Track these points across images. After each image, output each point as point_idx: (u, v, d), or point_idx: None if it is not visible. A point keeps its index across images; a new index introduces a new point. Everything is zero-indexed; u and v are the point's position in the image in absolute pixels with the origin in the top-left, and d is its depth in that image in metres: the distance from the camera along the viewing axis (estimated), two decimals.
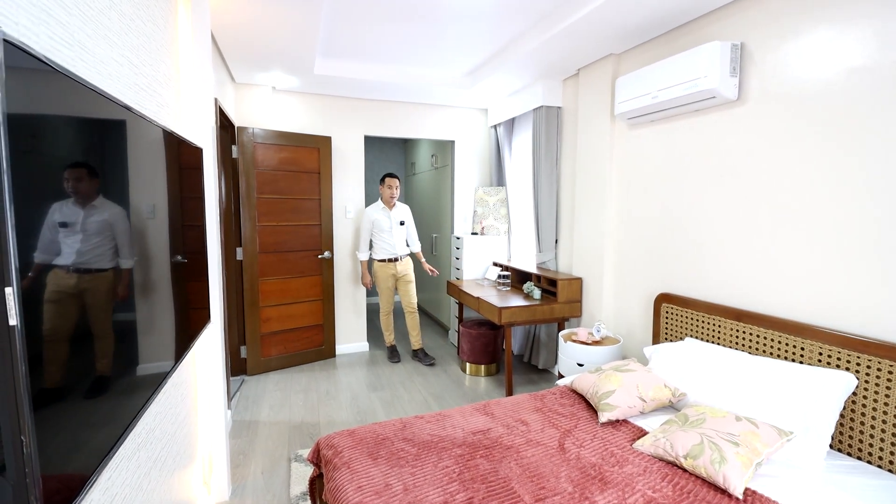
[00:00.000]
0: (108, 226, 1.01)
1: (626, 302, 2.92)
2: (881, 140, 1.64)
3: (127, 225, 1.10)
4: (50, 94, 0.74)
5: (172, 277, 1.43)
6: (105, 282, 0.99)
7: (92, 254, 0.94)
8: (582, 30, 2.53)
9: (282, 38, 2.72)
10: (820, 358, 1.80)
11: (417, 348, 4.01)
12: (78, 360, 0.83)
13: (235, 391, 3.32)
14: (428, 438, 1.76)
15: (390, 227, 3.82)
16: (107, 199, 1.03)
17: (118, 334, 1.04)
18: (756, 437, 1.53)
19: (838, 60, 1.77)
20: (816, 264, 1.86)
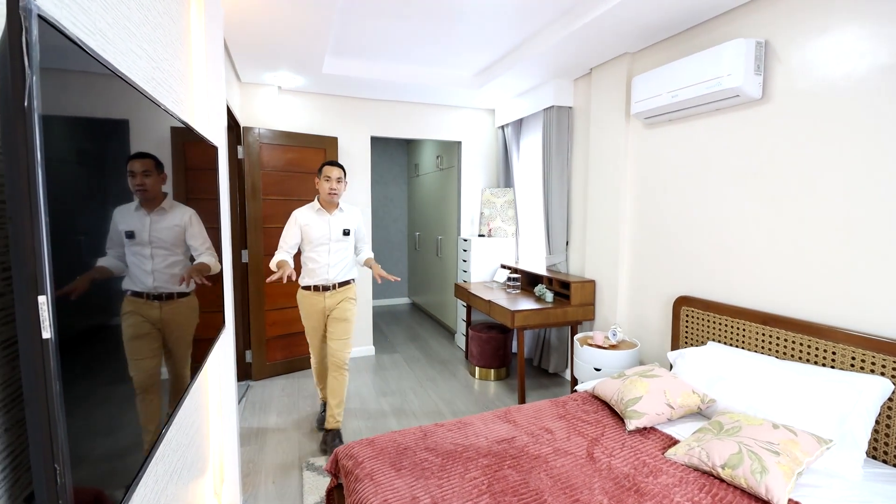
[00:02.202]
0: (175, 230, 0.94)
1: (642, 305, 2.86)
2: None
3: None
4: (84, 84, 0.68)
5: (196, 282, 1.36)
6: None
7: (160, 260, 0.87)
8: (598, 29, 2.49)
9: (293, 37, 2.66)
10: (853, 363, 1.76)
11: (332, 428, 2.59)
12: (112, 375, 0.76)
13: (242, 397, 3.24)
14: (451, 448, 1.70)
15: (327, 239, 2.56)
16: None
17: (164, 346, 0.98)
18: (796, 445, 1.48)
19: (869, 58, 1.72)
20: (847, 266, 1.81)
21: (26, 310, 0.49)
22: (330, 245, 2.58)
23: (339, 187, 2.56)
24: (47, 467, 0.51)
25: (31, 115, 0.48)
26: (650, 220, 2.77)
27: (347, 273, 2.67)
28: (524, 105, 3.81)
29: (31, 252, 0.49)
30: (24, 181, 0.48)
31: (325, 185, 2.56)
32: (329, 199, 2.58)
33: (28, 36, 0.48)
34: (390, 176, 6.32)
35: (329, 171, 2.56)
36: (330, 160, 2.67)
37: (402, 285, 6.53)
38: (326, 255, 2.58)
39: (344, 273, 2.65)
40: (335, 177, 2.55)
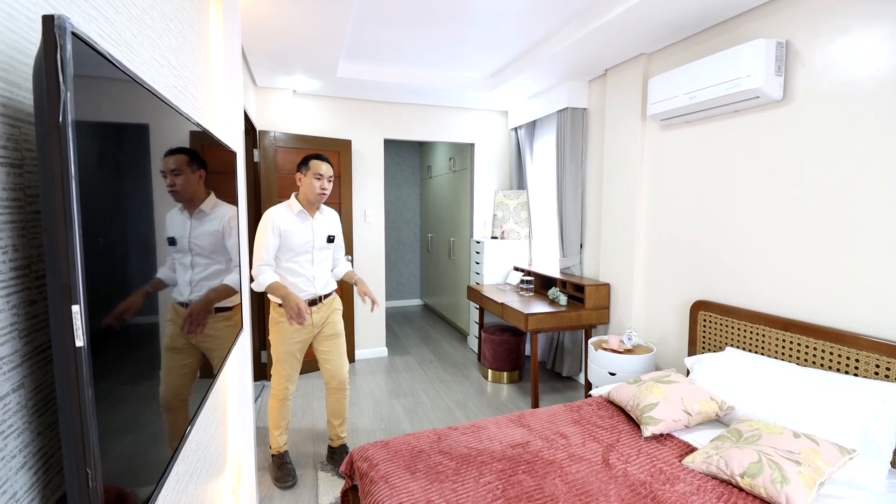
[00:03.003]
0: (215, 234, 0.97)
1: (657, 309, 2.83)
2: None
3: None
4: (111, 94, 0.69)
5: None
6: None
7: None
8: (614, 29, 2.47)
9: (308, 42, 2.69)
10: (877, 370, 1.71)
11: (339, 445, 2.44)
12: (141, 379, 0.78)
13: (257, 397, 3.28)
14: (465, 451, 1.70)
15: (310, 247, 2.24)
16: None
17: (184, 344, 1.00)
18: (818, 455, 1.44)
19: (893, 59, 1.68)
20: (870, 271, 1.77)
21: (60, 318, 0.51)
22: (313, 254, 2.25)
23: (329, 187, 2.23)
24: (80, 471, 0.53)
25: (65, 130, 0.50)
26: (666, 222, 2.73)
27: (331, 283, 2.38)
28: (538, 107, 3.79)
29: (65, 262, 0.50)
30: (59, 194, 0.50)
31: (314, 182, 2.18)
32: (316, 201, 2.23)
33: (63, 53, 0.49)
34: (403, 178, 6.35)
35: (320, 166, 2.19)
36: (316, 153, 2.26)
37: (415, 286, 6.55)
38: (310, 266, 2.25)
39: (329, 283, 2.35)
40: (328, 175, 2.20)
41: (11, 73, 0.61)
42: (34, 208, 0.65)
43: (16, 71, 0.61)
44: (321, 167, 2.19)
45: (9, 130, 0.60)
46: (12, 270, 0.60)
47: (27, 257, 0.63)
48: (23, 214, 0.62)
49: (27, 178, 0.63)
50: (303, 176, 2.21)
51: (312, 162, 2.20)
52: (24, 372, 0.62)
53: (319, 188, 2.19)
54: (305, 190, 2.21)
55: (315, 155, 2.24)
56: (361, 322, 4.13)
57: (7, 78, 0.60)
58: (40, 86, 0.51)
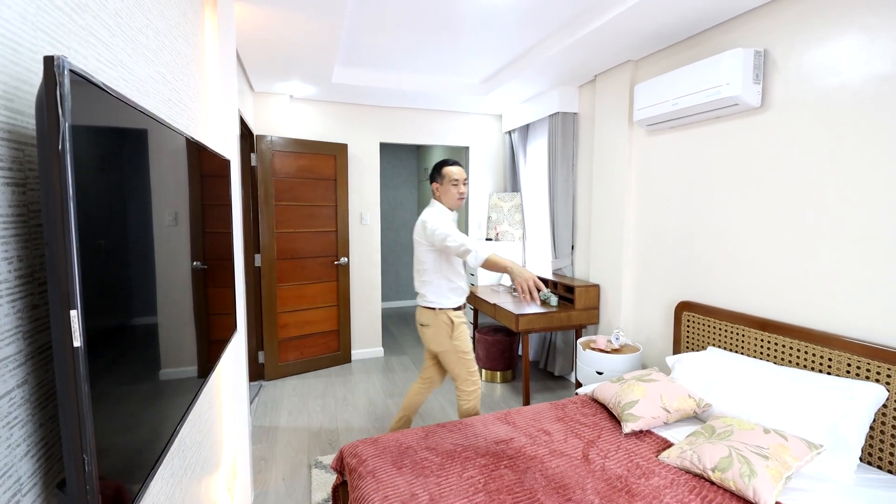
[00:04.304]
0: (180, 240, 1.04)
1: (645, 310, 2.89)
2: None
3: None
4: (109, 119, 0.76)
5: (203, 285, 1.45)
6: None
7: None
8: (602, 36, 2.53)
9: (303, 49, 2.76)
10: (848, 369, 1.78)
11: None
12: (133, 373, 0.85)
13: (254, 396, 3.35)
14: (451, 448, 1.76)
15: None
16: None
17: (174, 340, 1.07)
18: (786, 450, 1.51)
19: (867, 68, 1.74)
20: (844, 274, 1.83)
21: (60, 322, 0.57)
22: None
23: (466, 190, 2.25)
24: (77, 457, 0.59)
25: (64, 156, 0.57)
26: (653, 225, 2.80)
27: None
28: (530, 111, 3.86)
29: (64, 273, 0.57)
30: (59, 212, 0.57)
31: (452, 190, 2.21)
32: (457, 206, 2.27)
33: (61, 89, 0.56)
34: (400, 180, 6.42)
35: (457, 172, 2.20)
36: (449, 159, 2.27)
37: (411, 287, 6.62)
38: (462, 266, 2.32)
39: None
40: (462, 179, 2.23)
41: (16, 102, 0.67)
42: (36, 222, 0.72)
43: (19, 99, 0.68)
44: (457, 173, 2.22)
45: (13, 153, 0.67)
46: (17, 279, 0.67)
47: (30, 266, 0.70)
48: (26, 228, 0.69)
49: (30, 195, 0.70)
50: (439, 185, 2.25)
51: (445, 170, 2.22)
52: (27, 369, 0.69)
53: (458, 194, 2.23)
54: (445, 198, 2.25)
55: (445, 161, 2.26)
56: (358, 322, 4.20)
57: (11, 106, 0.67)
58: (42, 117, 0.57)
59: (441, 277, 2.24)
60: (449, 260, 2.23)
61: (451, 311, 2.27)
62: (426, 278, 2.27)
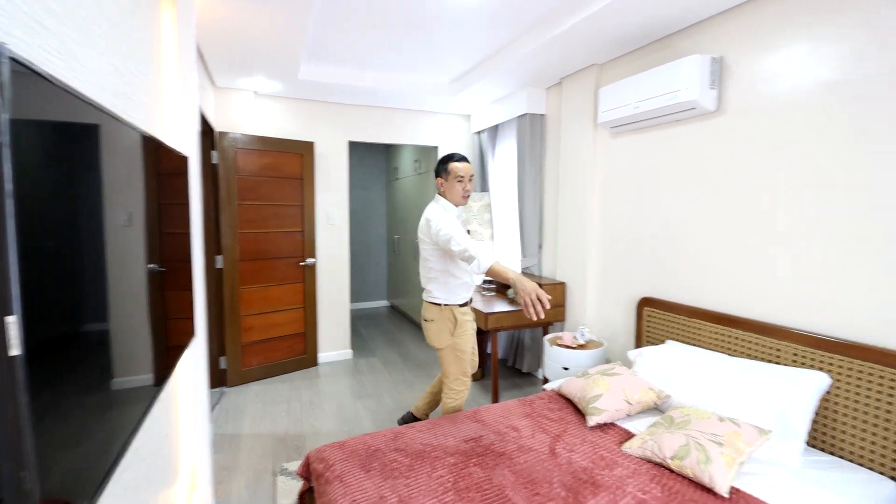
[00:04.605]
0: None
1: (608, 306, 2.98)
2: (856, 152, 1.74)
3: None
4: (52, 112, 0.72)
5: (159, 288, 1.39)
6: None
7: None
8: (567, 40, 2.59)
9: (268, 43, 2.69)
10: (795, 359, 1.89)
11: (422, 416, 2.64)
12: (82, 383, 0.80)
13: (215, 403, 3.24)
14: (420, 448, 1.76)
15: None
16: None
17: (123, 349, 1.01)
18: (738, 436, 1.59)
19: (815, 74, 1.85)
20: (792, 271, 1.95)
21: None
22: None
23: (472, 187, 2.21)
24: (15, 475, 0.56)
25: (2, 150, 0.53)
26: (617, 224, 2.89)
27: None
28: (499, 112, 3.90)
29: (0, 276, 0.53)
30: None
31: (457, 186, 2.17)
32: (461, 203, 2.24)
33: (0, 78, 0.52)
34: (370, 180, 6.36)
35: (461, 168, 2.16)
36: (455, 154, 2.22)
37: (382, 288, 6.57)
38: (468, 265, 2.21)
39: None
40: (468, 175, 2.18)
41: None
42: None
43: None
44: (462, 169, 2.16)
45: None
46: None
47: None
48: None
49: None
50: (444, 181, 2.20)
51: (451, 165, 2.16)
52: None
53: (463, 191, 2.19)
54: (450, 195, 2.20)
55: (451, 156, 2.20)
56: (325, 324, 4.12)
57: None
58: None
59: (446, 274, 2.22)
60: (454, 256, 2.17)
61: (456, 308, 2.25)
62: (432, 275, 2.25)
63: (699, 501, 1.43)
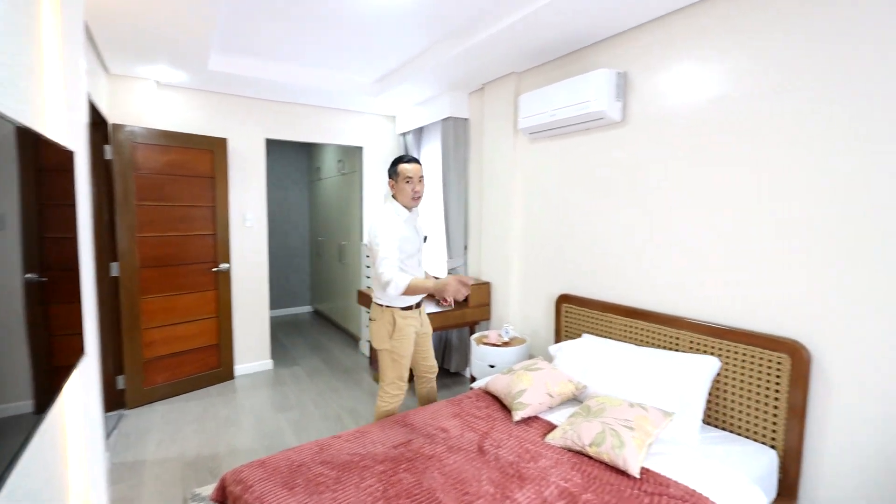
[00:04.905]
0: None
1: (530, 303, 3.11)
2: (738, 159, 1.98)
3: None
4: None
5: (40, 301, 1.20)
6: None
7: None
8: (486, 48, 2.67)
9: (172, 29, 2.45)
10: (691, 346, 2.10)
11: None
12: None
13: (112, 429, 2.88)
14: (347, 459, 1.70)
15: (417, 249, 2.31)
16: None
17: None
18: (647, 420, 1.73)
19: (701, 91, 2.08)
20: (685, 265, 2.17)
21: None
22: (419, 255, 2.31)
23: (422, 188, 2.24)
24: None
25: None
26: (537, 225, 3.03)
27: None
28: (424, 114, 3.92)
29: None
30: None
31: (406, 187, 2.20)
32: (412, 204, 2.25)
33: None
34: (290, 180, 6.07)
35: (410, 169, 2.19)
36: (405, 156, 2.25)
37: (304, 293, 6.29)
38: (418, 267, 2.30)
39: None
40: (417, 176, 2.21)
41: None
42: None
43: None
44: (411, 170, 2.19)
45: None
46: None
47: None
48: None
49: None
50: (395, 182, 2.24)
51: (400, 167, 2.20)
52: None
53: (412, 191, 2.21)
54: (401, 196, 2.23)
55: (401, 158, 2.24)
56: (242, 334, 3.85)
57: None
58: None
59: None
60: (405, 260, 2.20)
61: (398, 311, 2.24)
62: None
63: (615, 484, 1.53)
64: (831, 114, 1.67)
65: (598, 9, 2.16)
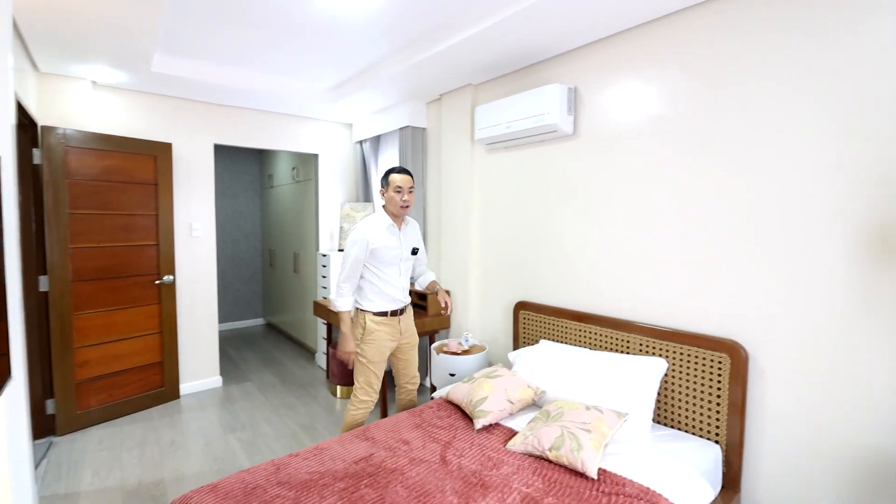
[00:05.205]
0: None
1: (489, 311, 3.15)
2: (676, 175, 2.11)
3: None
4: None
5: None
6: None
7: None
8: (442, 60, 2.70)
9: (111, 26, 2.31)
10: (641, 348, 2.21)
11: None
12: None
13: (41, 458, 2.63)
14: (306, 478, 1.64)
15: (399, 258, 2.34)
16: None
17: None
18: (602, 422, 1.79)
19: (643, 108, 2.21)
20: (636, 272, 2.28)
21: None
22: (400, 265, 2.36)
23: (411, 199, 2.32)
24: None
25: None
26: (495, 234, 3.08)
27: (407, 296, 2.47)
28: (381, 122, 3.90)
29: None
30: None
31: (395, 196, 2.29)
32: (400, 213, 2.34)
33: None
34: (240, 187, 5.84)
35: (400, 180, 2.29)
36: (396, 167, 2.36)
37: (256, 305, 6.04)
38: (398, 277, 2.35)
39: (407, 294, 2.46)
40: (408, 187, 2.30)
41: None
42: None
43: None
44: (401, 181, 2.29)
45: None
46: None
47: None
48: None
49: None
50: (385, 191, 2.33)
51: (392, 177, 2.30)
52: None
53: (401, 201, 2.29)
54: (389, 204, 2.32)
55: (392, 169, 2.33)
56: (188, 350, 3.64)
57: None
58: None
59: (366, 280, 2.32)
60: (378, 265, 2.29)
61: (370, 315, 2.31)
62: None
63: (574, 486, 1.57)
64: (754, 133, 1.83)
65: (547, 27, 2.25)
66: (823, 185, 1.67)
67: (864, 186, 1.58)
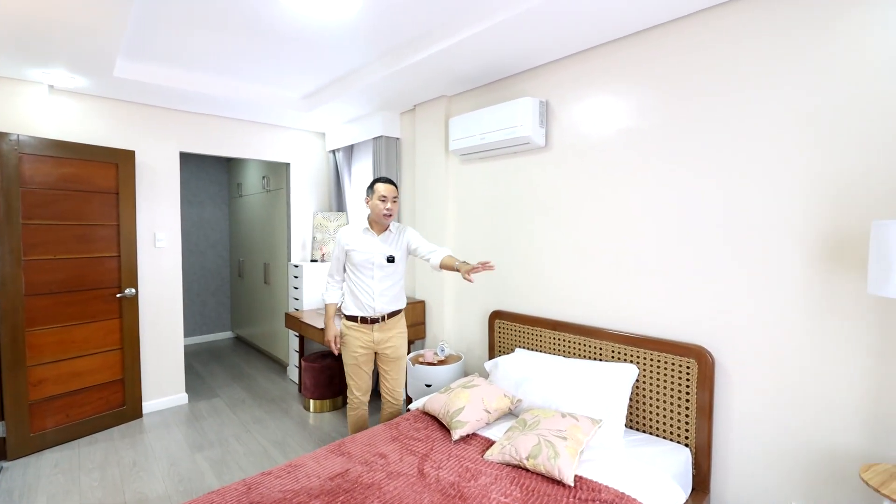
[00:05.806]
0: None
1: (465, 321, 3.16)
2: (643, 184, 2.18)
3: None
4: None
5: None
6: None
7: None
8: (416, 72, 2.73)
9: (70, 28, 2.21)
10: (613, 355, 2.26)
11: None
12: None
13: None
14: (279, 497, 1.59)
15: (370, 264, 2.35)
16: None
17: None
18: (578, 429, 1.82)
19: (614, 121, 2.29)
20: (609, 280, 2.34)
21: None
22: (373, 270, 2.36)
23: (394, 208, 2.37)
24: None
25: None
26: (469, 244, 3.10)
27: (396, 302, 2.44)
28: (354, 132, 3.88)
29: None
30: None
31: (379, 205, 2.35)
32: (382, 221, 2.38)
33: None
34: (206, 196, 5.67)
35: (385, 189, 2.36)
36: (382, 177, 2.43)
37: (224, 317, 5.85)
38: (371, 281, 2.37)
39: (393, 302, 2.42)
40: (391, 196, 2.36)
41: None
42: None
43: None
44: (385, 190, 2.36)
45: None
46: None
47: None
48: None
49: None
50: (370, 199, 2.40)
51: (377, 185, 2.38)
52: None
53: (384, 209, 2.35)
54: (373, 211, 2.39)
55: (378, 179, 2.41)
56: (152, 366, 3.49)
57: None
58: None
59: (346, 283, 2.46)
60: (355, 271, 2.39)
61: (343, 317, 2.46)
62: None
63: (552, 494, 1.59)
64: (721, 144, 1.92)
65: (521, 42, 2.30)
66: (785, 196, 1.77)
67: (823, 197, 1.68)
